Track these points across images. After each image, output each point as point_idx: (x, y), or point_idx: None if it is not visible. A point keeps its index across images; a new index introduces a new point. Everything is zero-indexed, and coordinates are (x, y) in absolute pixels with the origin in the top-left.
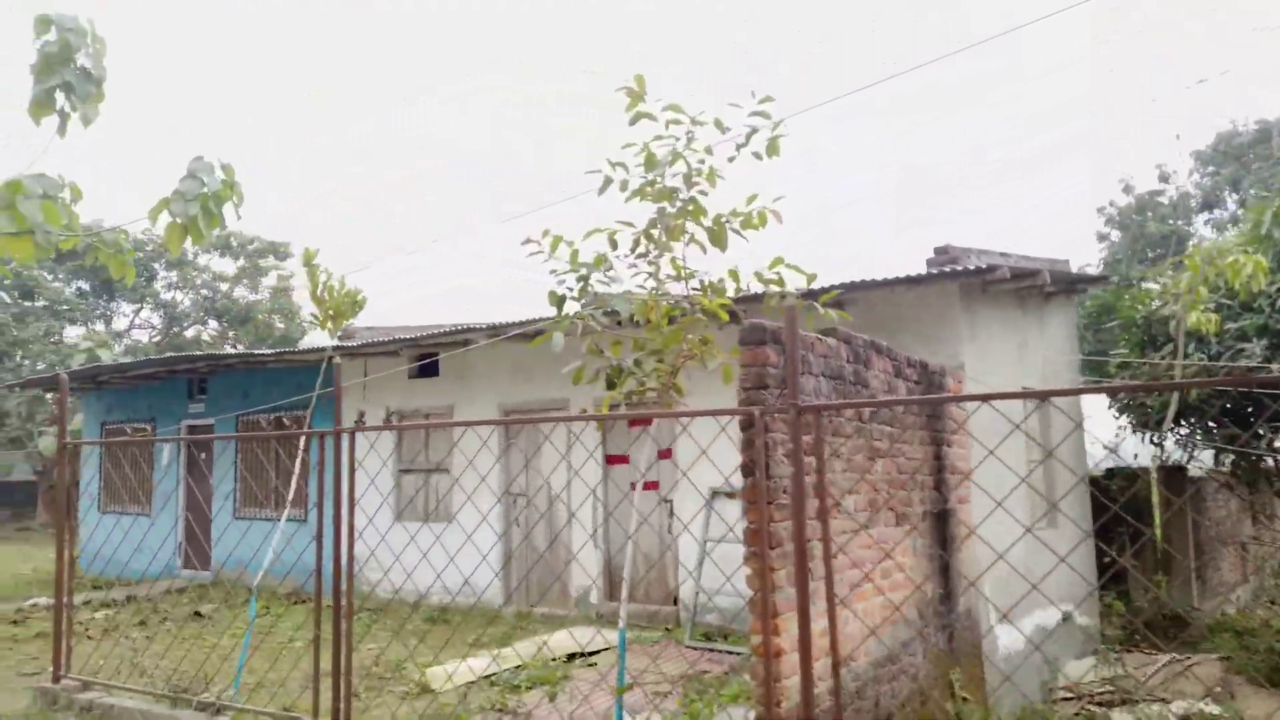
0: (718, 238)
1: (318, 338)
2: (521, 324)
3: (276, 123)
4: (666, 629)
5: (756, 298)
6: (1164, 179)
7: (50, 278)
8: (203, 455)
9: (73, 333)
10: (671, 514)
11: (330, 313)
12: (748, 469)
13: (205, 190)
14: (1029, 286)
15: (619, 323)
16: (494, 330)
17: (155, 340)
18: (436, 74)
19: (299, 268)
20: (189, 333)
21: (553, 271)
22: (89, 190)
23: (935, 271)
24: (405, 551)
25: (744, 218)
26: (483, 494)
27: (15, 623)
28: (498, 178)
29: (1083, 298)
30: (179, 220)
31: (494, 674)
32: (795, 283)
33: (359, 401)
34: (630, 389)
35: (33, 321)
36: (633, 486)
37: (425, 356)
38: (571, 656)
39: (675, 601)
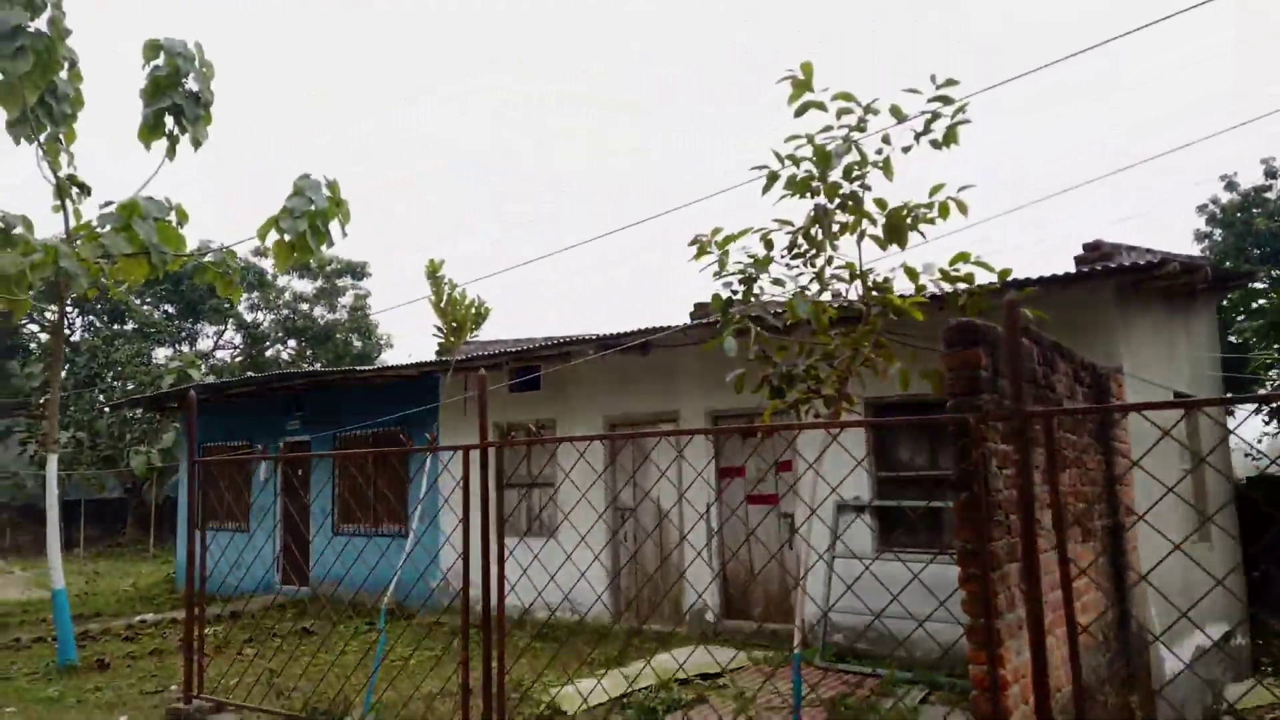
0: (898, 233)
1: (393, 355)
2: (633, 335)
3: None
4: (791, 649)
5: (934, 297)
6: (1271, 174)
7: (138, 301)
8: (299, 472)
9: (160, 354)
10: (792, 529)
11: (453, 324)
12: (962, 482)
13: (313, 208)
14: (1177, 285)
15: (775, 327)
16: (603, 342)
17: (238, 360)
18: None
19: (376, 287)
20: (269, 352)
21: (716, 274)
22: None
23: (1101, 268)
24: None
25: (916, 210)
26: (587, 508)
27: (128, 639)
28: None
29: (1229, 296)
30: (288, 238)
31: (625, 695)
32: (982, 280)
33: (459, 417)
34: (794, 398)
35: (123, 344)
36: (760, 502)
37: (524, 370)
38: (704, 677)
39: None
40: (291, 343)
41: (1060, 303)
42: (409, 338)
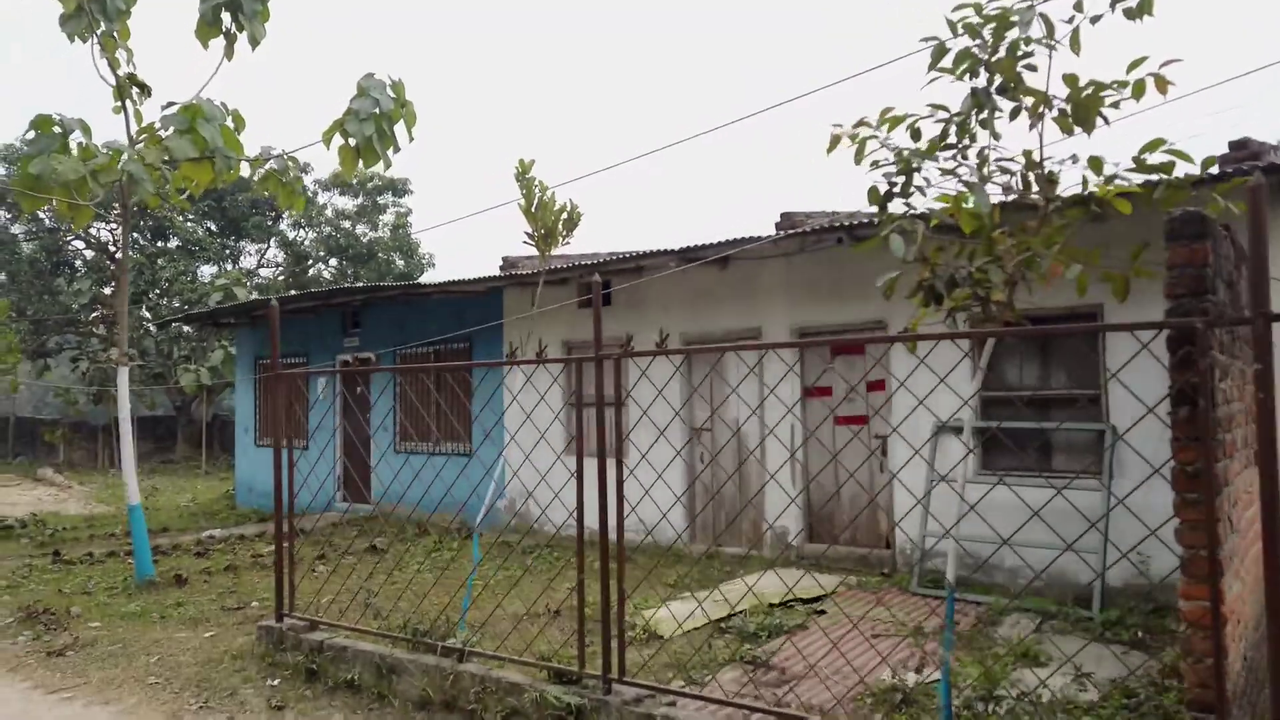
0: (1085, 115)
1: (435, 275)
2: (716, 246)
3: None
4: (883, 573)
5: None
6: None
7: (181, 218)
8: (358, 390)
9: (205, 271)
10: (884, 452)
11: (542, 231)
12: (1184, 396)
13: (378, 110)
14: None
15: (943, 226)
16: (684, 254)
17: (281, 278)
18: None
19: (417, 204)
20: (311, 271)
21: (874, 164)
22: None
23: (1267, 165)
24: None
25: (1105, 90)
26: (661, 429)
27: (199, 554)
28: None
29: None
30: (353, 142)
31: (722, 619)
32: (1180, 170)
33: (526, 334)
34: (949, 306)
35: (166, 262)
36: (849, 423)
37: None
38: (801, 601)
39: (888, 545)
40: (333, 261)
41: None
42: (450, 259)
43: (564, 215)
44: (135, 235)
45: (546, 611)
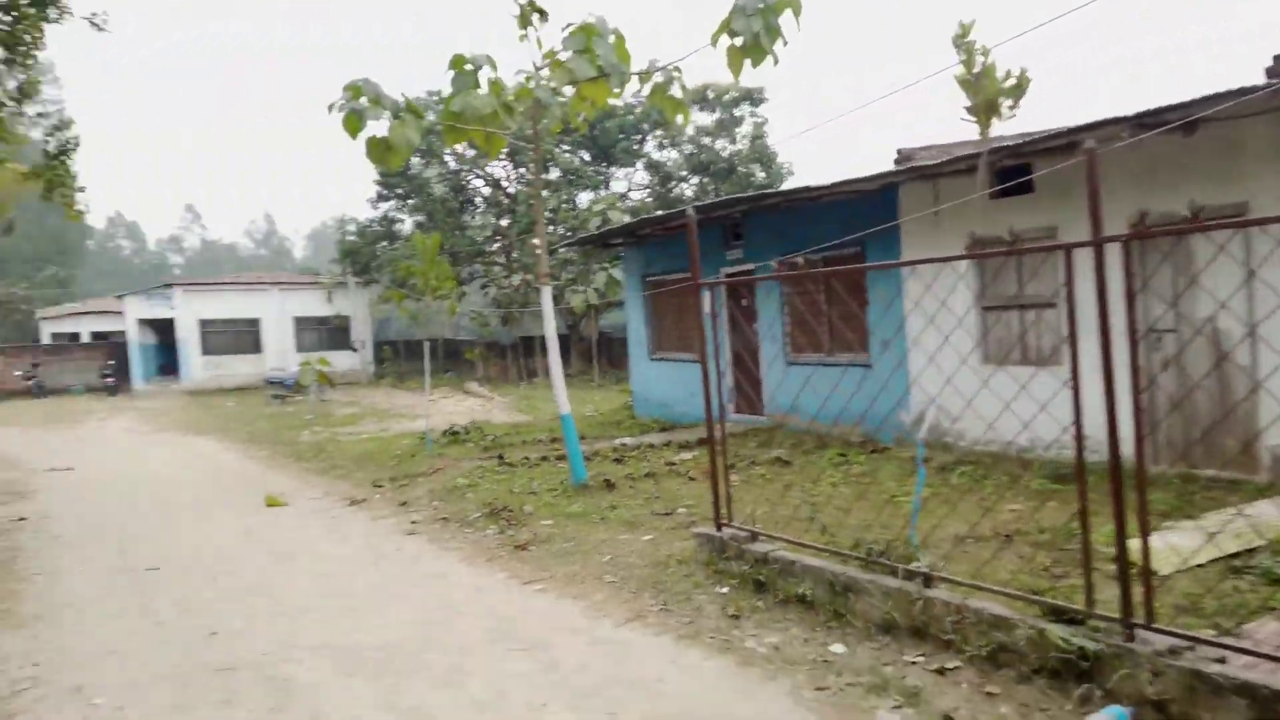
0: None
1: (794, 184)
2: (1184, 106)
3: None
4: None
5: None
6: None
7: (560, 149)
8: (743, 302)
9: (582, 198)
10: None
11: (982, 102)
12: None
13: (763, 4)
14: None
15: None
16: (1142, 120)
17: (648, 200)
18: None
19: (773, 113)
20: (675, 191)
21: None
22: None
23: None
24: (989, 399)
25: None
26: (1098, 334)
27: (616, 461)
28: None
29: None
30: (741, 40)
31: (1232, 556)
32: None
33: (932, 231)
34: None
35: (551, 193)
36: None
37: (1010, 173)
38: None
39: None
40: (695, 179)
41: None
42: (805, 167)
43: (1009, 82)
44: (522, 170)
45: (994, 535)
